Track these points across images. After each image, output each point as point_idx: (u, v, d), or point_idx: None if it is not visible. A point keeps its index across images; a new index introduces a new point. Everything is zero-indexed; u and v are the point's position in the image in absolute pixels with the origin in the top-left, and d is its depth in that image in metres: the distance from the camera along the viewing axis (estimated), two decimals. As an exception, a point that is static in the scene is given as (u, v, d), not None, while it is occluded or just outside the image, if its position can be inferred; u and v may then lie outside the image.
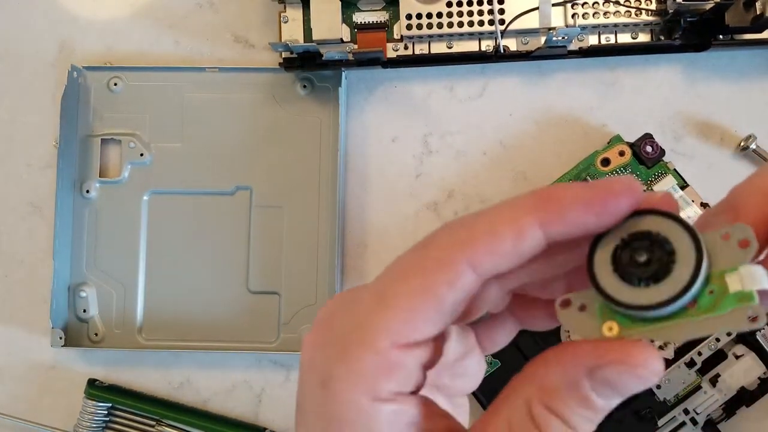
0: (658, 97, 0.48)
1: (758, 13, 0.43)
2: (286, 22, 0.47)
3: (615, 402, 0.19)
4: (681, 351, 0.45)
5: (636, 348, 0.18)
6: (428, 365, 0.20)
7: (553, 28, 0.46)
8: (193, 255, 0.49)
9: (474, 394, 0.45)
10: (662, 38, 0.47)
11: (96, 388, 0.48)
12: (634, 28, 0.46)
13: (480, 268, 0.19)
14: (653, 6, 0.46)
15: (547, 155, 0.49)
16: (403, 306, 0.19)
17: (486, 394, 0.45)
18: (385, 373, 0.19)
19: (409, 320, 0.19)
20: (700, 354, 0.45)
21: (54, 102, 0.50)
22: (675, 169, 0.46)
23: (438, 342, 0.21)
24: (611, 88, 0.49)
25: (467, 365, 0.24)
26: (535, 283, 0.22)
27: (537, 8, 0.46)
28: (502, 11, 0.46)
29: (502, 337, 0.24)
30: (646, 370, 0.18)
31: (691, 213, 0.44)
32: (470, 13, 0.46)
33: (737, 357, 0.45)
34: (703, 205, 0.45)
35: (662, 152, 0.46)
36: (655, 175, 0.46)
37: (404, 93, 0.49)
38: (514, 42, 0.47)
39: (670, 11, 0.44)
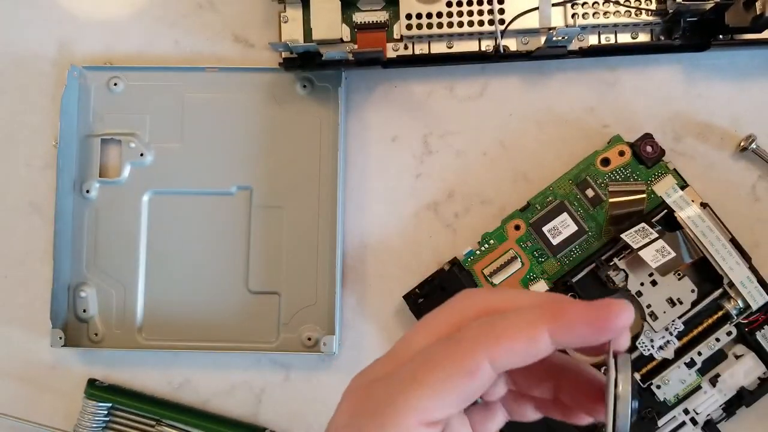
0: (658, 97, 0.48)
1: (758, 13, 0.43)
2: (286, 22, 0.47)
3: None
4: (681, 351, 0.45)
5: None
6: None
7: (553, 28, 0.46)
8: (193, 255, 0.49)
9: None
10: (662, 38, 0.47)
11: (96, 388, 0.48)
12: (634, 28, 0.46)
13: (497, 364, 0.23)
14: (653, 6, 0.46)
15: (547, 155, 0.48)
16: (432, 386, 0.23)
17: None
18: None
19: (436, 400, 0.23)
20: (700, 354, 0.45)
21: (54, 102, 0.50)
22: (675, 169, 0.46)
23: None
24: (611, 88, 0.49)
25: None
26: (529, 382, 0.27)
27: (537, 8, 0.46)
28: (502, 11, 0.46)
29: (493, 425, 0.28)
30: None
31: (690, 213, 0.44)
32: (470, 13, 0.46)
33: (737, 357, 0.45)
34: (703, 205, 0.45)
35: (662, 152, 0.46)
36: (654, 175, 0.46)
37: (404, 93, 0.49)
38: (514, 42, 0.47)
39: (670, 11, 0.44)
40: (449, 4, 0.46)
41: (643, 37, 0.47)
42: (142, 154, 0.49)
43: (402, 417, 0.23)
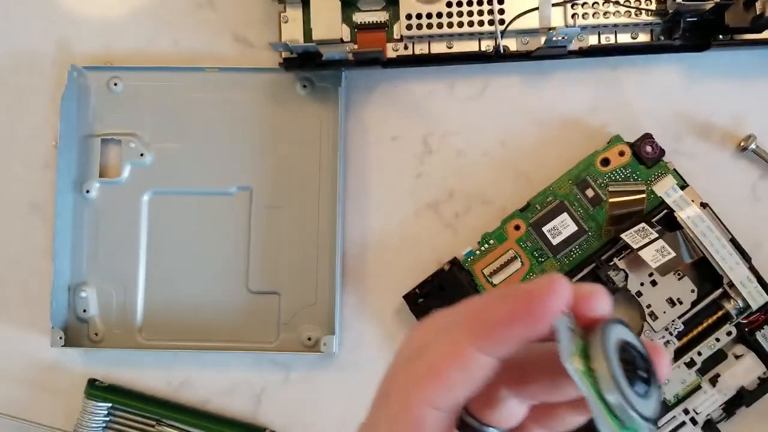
0: (658, 97, 0.48)
1: (758, 13, 0.43)
2: (286, 22, 0.47)
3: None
4: (681, 351, 0.45)
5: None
6: None
7: (553, 28, 0.46)
8: (193, 255, 0.49)
9: None
10: (662, 38, 0.47)
11: (96, 388, 0.48)
12: (634, 28, 0.46)
13: (441, 405, 0.19)
14: (653, 6, 0.46)
15: (547, 155, 0.48)
16: None
17: None
18: None
19: None
20: (700, 354, 0.45)
21: (53, 102, 0.50)
22: (675, 169, 0.46)
23: None
24: (611, 88, 0.49)
25: None
26: (542, 389, 0.21)
27: (537, 8, 0.46)
28: (502, 11, 0.46)
29: None
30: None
31: (690, 213, 0.44)
32: (470, 13, 0.46)
33: (737, 357, 0.45)
34: (703, 205, 0.45)
35: (662, 152, 0.46)
36: (654, 175, 0.46)
37: (404, 93, 0.49)
38: (514, 42, 0.47)
39: (670, 11, 0.44)
40: (449, 4, 0.46)
41: (643, 37, 0.47)
42: (142, 154, 0.49)
43: None
